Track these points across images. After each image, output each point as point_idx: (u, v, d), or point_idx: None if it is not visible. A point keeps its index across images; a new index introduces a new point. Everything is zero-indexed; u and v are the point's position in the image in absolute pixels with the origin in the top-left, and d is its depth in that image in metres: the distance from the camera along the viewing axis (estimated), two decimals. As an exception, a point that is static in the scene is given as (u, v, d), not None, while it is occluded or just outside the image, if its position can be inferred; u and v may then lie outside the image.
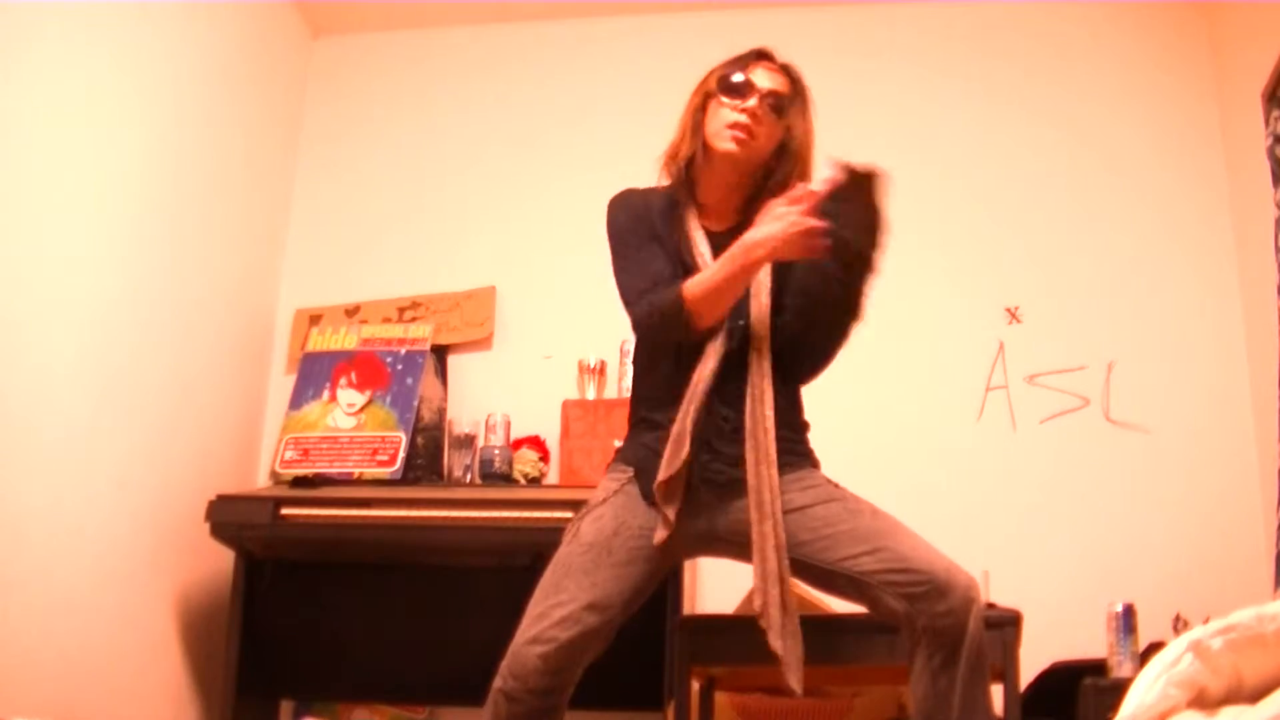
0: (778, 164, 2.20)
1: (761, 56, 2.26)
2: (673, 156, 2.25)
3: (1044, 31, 3.77)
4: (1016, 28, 3.79)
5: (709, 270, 2.10)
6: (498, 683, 2.03)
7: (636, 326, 2.17)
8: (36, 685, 2.63)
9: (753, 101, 2.17)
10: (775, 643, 2.02)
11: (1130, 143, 3.63)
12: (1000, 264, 3.59)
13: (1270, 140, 3.10)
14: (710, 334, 2.12)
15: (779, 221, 2.02)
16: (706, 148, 2.20)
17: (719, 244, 2.15)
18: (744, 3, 3.90)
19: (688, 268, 2.16)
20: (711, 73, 2.26)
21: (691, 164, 2.23)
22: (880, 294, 3.50)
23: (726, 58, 2.26)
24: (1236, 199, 3.47)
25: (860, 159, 2.02)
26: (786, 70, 2.26)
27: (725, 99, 2.19)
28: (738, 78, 2.20)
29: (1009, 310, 3.55)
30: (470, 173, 3.92)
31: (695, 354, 2.13)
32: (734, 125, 2.16)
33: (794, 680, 2.03)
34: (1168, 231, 3.54)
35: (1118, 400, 3.43)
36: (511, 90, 3.98)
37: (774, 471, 2.07)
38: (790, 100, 2.22)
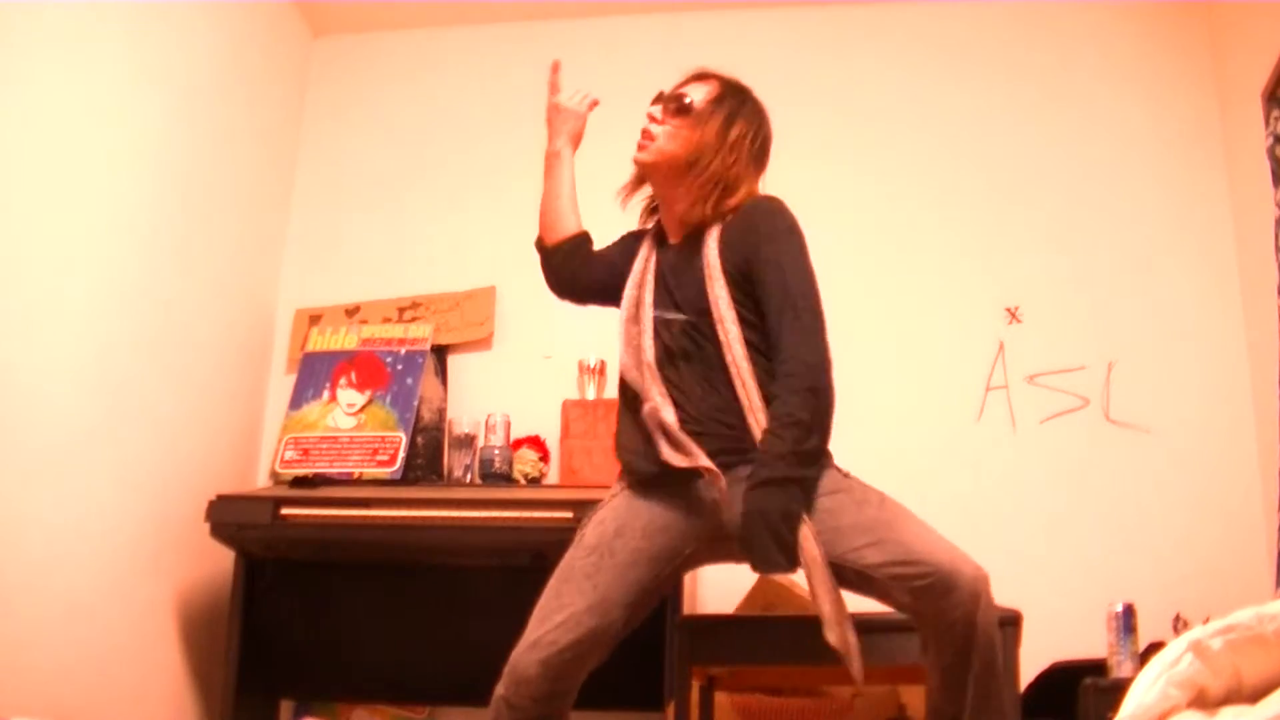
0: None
1: (698, 76, 2.31)
2: (635, 185, 2.38)
3: (1044, 31, 3.76)
4: (1017, 28, 3.78)
5: None
6: (500, 689, 2.02)
7: None
8: (36, 685, 2.62)
9: (656, 108, 2.26)
10: (830, 636, 1.96)
11: (1130, 142, 3.62)
12: (1000, 264, 3.59)
13: (1270, 140, 3.10)
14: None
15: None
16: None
17: (666, 257, 2.23)
18: (747, 3, 3.89)
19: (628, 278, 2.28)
20: None
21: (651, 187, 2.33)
22: (881, 294, 3.58)
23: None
24: (1236, 199, 3.46)
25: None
26: (721, 81, 2.28)
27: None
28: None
29: (1009, 310, 3.55)
30: (470, 172, 3.92)
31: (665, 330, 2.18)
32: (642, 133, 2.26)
33: (856, 670, 1.98)
34: (1168, 231, 3.53)
35: (1118, 400, 3.42)
36: (511, 90, 3.97)
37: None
38: (718, 103, 2.22)
